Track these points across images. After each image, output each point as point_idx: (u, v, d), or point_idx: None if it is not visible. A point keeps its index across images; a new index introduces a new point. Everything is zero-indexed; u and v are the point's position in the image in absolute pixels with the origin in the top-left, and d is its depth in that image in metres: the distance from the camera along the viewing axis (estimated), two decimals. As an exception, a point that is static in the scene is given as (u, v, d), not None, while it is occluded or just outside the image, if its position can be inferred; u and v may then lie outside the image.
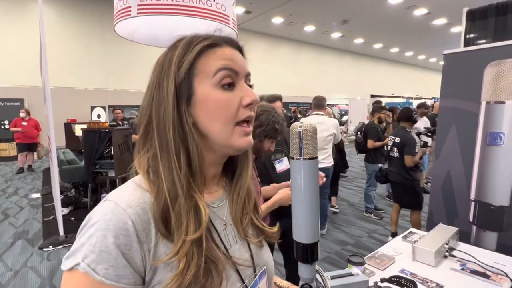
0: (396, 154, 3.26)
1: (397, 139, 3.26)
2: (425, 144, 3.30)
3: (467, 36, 2.40)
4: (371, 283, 1.15)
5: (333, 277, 1.12)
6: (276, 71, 15.10)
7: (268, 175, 1.85)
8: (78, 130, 6.98)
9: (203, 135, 0.49)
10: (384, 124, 4.60)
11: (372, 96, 12.45)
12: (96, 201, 4.62)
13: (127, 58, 11.00)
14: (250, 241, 0.57)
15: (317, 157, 0.44)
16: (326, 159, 3.41)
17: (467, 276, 1.37)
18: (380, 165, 4.10)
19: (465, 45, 2.41)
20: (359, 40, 15.84)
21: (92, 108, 9.83)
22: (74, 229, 3.74)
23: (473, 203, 2.12)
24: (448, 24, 12.44)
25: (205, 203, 0.48)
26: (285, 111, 4.62)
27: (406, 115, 3.28)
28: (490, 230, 2.05)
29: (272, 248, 1.98)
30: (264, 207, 1.35)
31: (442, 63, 2.23)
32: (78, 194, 4.57)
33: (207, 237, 0.47)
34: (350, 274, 1.16)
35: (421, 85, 22.59)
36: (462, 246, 1.66)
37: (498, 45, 1.98)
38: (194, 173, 0.48)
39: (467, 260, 1.47)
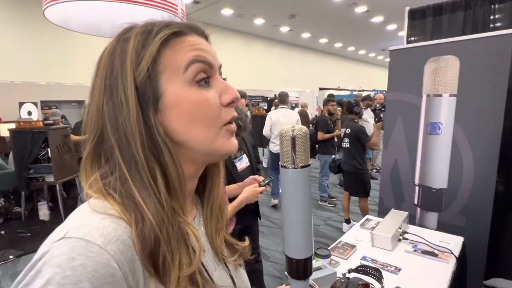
0: (347, 145, 3.44)
1: (348, 130, 3.44)
2: (380, 119, 3.54)
3: (409, 33, 2.60)
4: (339, 275, 1.18)
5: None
6: (226, 64, 14.66)
7: (229, 174, 1.80)
8: (4, 130, 6.07)
9: (179, 145, 0.40)
10: (334, 116, 4.83)
11: (321, 89, 13.02)
12: (32, 210, 4.11)
13: (63, 48, 9.83)
14: (227, 261, 0.51)
15: (309, 165, 0.41)
16: None
17: (419, 257, 1.49)
18: (333, 156, 4.31)
19: (407, 43, 2.60)
20: (306, 35, 16.36)
21: (21, 104, 8.65)
22: (5, 244, 3.28)
23: (417, 188, 2.33)
24: (384, 22, 13.46)
25: (192, 226, 0.40)
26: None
27: (347, 108, 3.52)
28: (431, 211, 2.27)
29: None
30: (230, 208, 1.30)
31: (380, 58, 2.40)
32: (9, 203, 4.01)
33: (199, 270, 0.39)
34: (319, 268, 1.18)
35: (363, 78, 24.26)
36: (412, 228, 1.80)
37: (435, 43, 2.17)
38: (174, 192, 0.39)
39: (417, 242, 1.60)
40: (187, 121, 0.39)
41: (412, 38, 2.66)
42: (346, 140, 3.44)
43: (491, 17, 2.23)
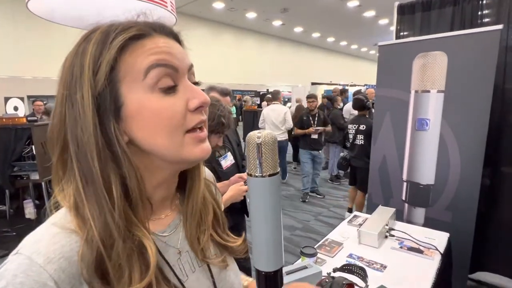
0: (361, 142, 3.33)
1: (362, 126, 3.34)
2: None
3: (398, 28, 2.59)
4: (324, 273, 1.17)
5: (288, 273, 1.12)
6: (218, 58, 14.76)
7: (214, 172, 1.78)
8: (-13, 127, 5.91)
9: (146, 152, 0.39)
10: (312, 112, 4.76)
11: (313, 83, 13.01)
12: (17, 209, 4.02)
13: (49, 41, 9.55)
14: (211, 263, 0.49)
15: (278, 172, 0.38)
16: (282, 135, 4.67)
17: (405, 254, 1.49)
18: (344, 153, 4.30)
19: (397, 38, 2.59)
20: (298, 29, 16.29)
21: (6, 99, 8.42)
22: (-10, 244, 3.20)
23: (405, 183, 2.34)
24: (376, 17, 13.47)
25: (151, 240, 0.38)
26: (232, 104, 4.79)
27: (359, 106, 3.43)
28: (419, 206, 2.29)
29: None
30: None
31: (372, 52, 2.37)
32: (-7, 202, 3.91)
33: (157, 279, 0.38)
34: (305, 267, 1.17)
35: (355, 73, 24.35)
36: (399, 224, 1.81)
37: (424, 39, 2.16)
38: (135, 204, 0.38)
39: (404, 238, 1.61)
40: (149, 130, 0.38)
41: (402, 33, 2.65)
42: (360, 137, 3.34)
43: (479, 12, 2.23)
